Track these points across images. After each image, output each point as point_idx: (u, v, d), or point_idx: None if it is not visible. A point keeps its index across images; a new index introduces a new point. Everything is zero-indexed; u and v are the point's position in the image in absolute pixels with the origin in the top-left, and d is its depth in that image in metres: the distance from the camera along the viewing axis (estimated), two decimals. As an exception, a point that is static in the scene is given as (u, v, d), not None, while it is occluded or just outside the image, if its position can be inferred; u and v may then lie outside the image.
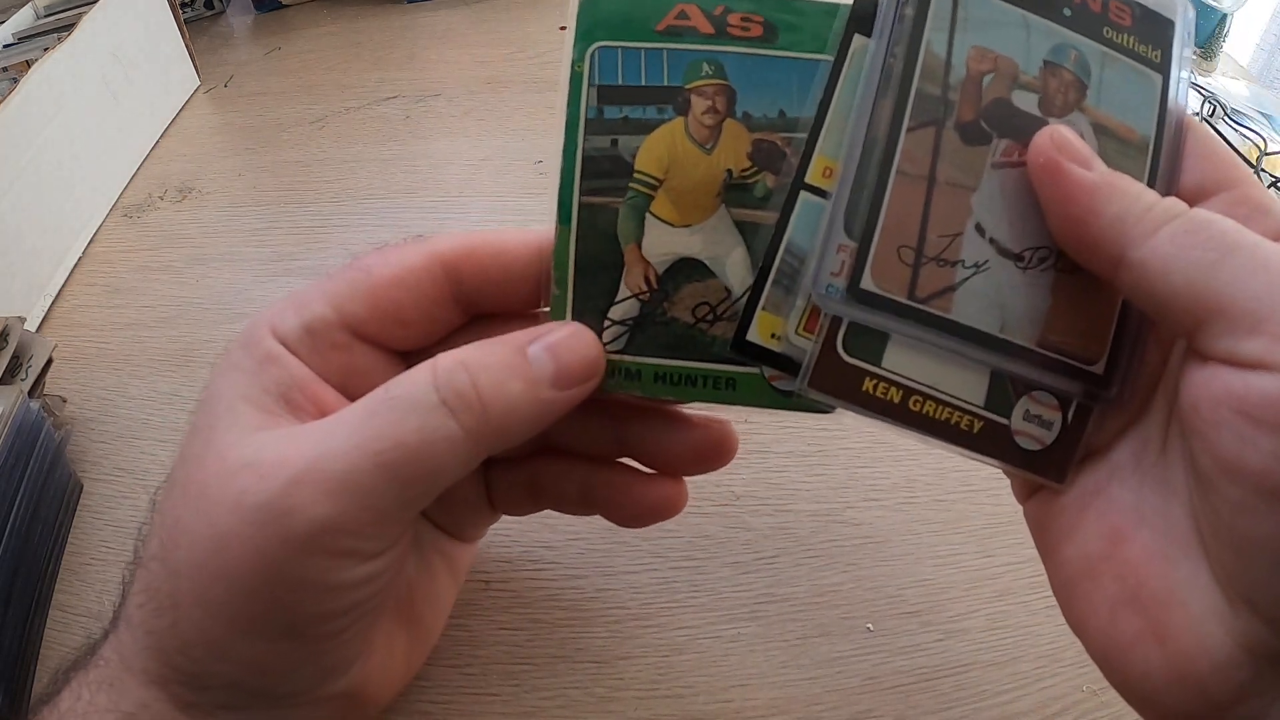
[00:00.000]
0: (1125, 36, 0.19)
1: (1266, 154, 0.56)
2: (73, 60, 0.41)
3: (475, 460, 0.19)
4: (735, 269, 0.20)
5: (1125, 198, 0.17)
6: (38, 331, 0.36)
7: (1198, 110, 0.57)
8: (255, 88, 0.53)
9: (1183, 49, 0.20)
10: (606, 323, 0.20)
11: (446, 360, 0.18)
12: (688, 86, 0.20)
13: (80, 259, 0.40)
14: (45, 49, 0.40)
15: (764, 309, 0.20)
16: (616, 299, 0.20)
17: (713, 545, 0.30)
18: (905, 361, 0.19)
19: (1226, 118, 0.59)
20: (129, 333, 0.37)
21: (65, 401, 0.33)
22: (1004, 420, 0.19)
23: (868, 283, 0.18)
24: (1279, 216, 0.18)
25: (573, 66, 0.19)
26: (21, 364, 0.31)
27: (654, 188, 0.20)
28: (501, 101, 0.52)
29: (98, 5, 0.43)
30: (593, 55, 0.20)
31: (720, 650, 0.27)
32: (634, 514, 0.24)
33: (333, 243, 0.41)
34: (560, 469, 0.23)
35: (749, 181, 0.20)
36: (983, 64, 0.19)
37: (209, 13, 0.61)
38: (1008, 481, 0.21)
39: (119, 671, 0.19)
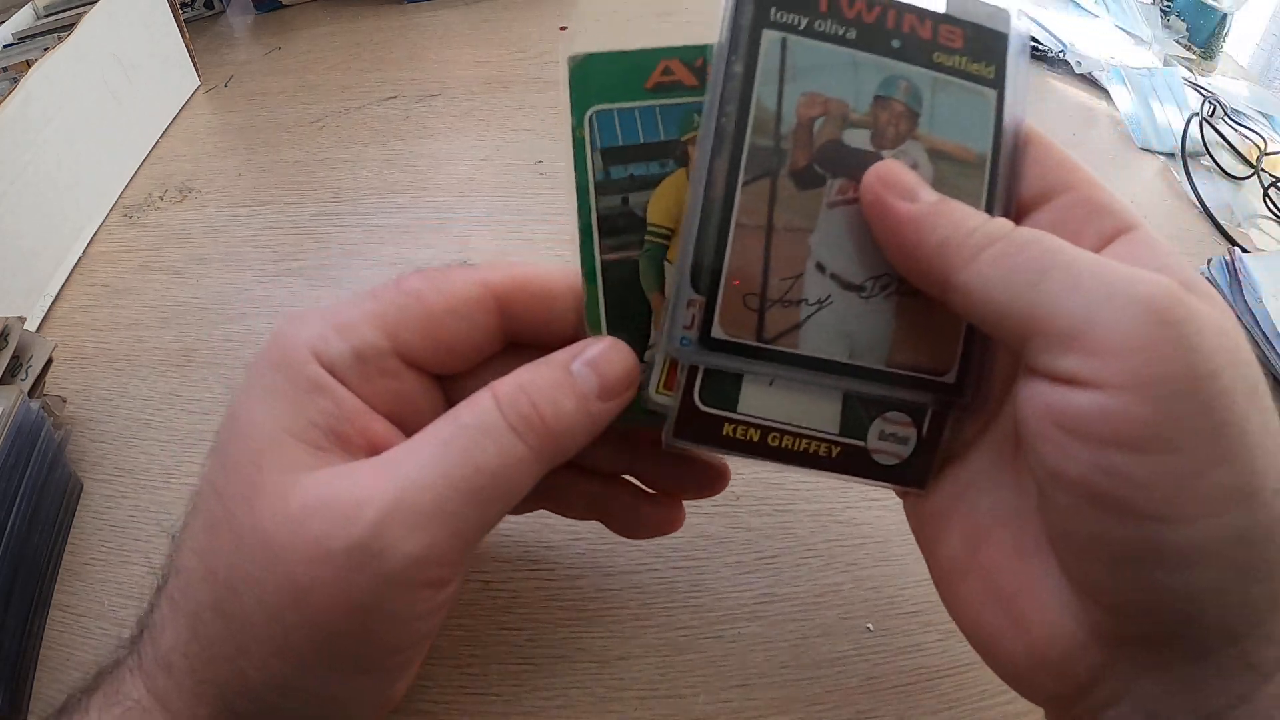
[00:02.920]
0: (957, 59, 0.20)
1: (1266, 154, 0.56)
2: (73, 60, 0.41)
3: (540, 476, 0.19)
4: None
5: (949, 225, 0.18)
6: (38, 331, 0.36)
7: (1197, 110, 0.57)
8: (255, 88, 0.53)
9: (1018, 61, 0.20)
10: (642, 366, 0.21)
11: (506, 386, 0.19)
12: (683, 139, 0.21)
13: (80, 259, 0.40)
14: (45, 49, 0.40)
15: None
16: (650, 343, 0.21)
17: (713, 545, 0.30)
18: (760, 403, 0.20)
19: (1226, 118, 0.59)
20: (129, 333, 0.37)
21: (65, 401, 0.33)
22: (860, 442, 0.21)
23: (717, 331, 0.20)
24: (1120, 213, 0.19)
25: (574, 133, 0.20)
26: (21, 364, 0.31)
27: (667, 237, 0.21)
28: (501, 101, 0.52)
29: (98, 5, 0.43)
30: (591, 120, 0.20)
31: (720, 650, 0.27)
32: (634, 529, 0.25)
33: (333, 243, 0.41)
34: (570, 480, 0.24)
35: None
36: (813, 109, 0.20)
37: (209, 13, 0.61)
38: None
39: (155, 714, 0.18)
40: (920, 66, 0.20)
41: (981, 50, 0.20)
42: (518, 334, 0.22)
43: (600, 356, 0.20)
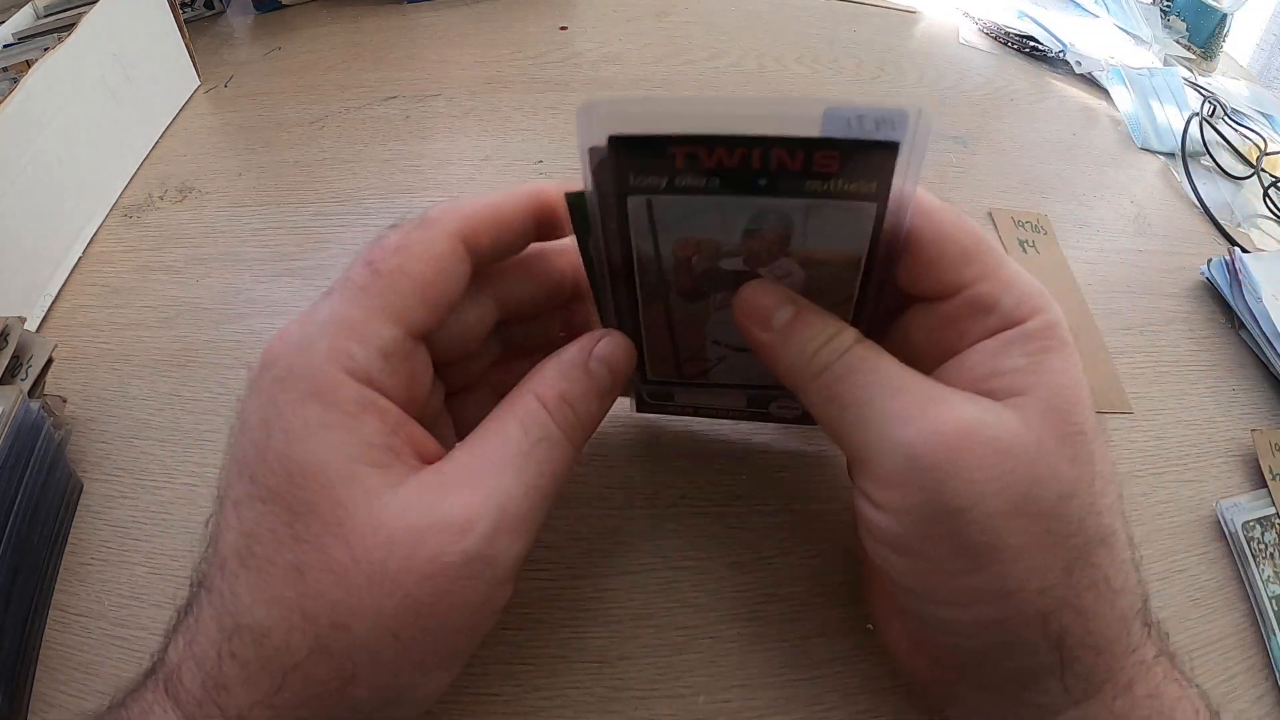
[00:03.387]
0: (832, 183, 0.20)
1: (1266, 154, 0.56)
2: (73, 60, 0.41)
3: None
4: None
5: (793, 351, 0.22)
6: (38, 331, 0.36)
7: (1198, 110, 0.57)
8: (255, 88, 0.53)
9: (910, 157, 0.19)
10: None
11: (550, 396, 0.21)
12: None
13: (80, 259, 0.40)
14: (45, 49, 0.40)
15: None
16: None
17: (713, 545, 0.30)
18: (687, 399, 0.29)
19: (1226, 118, 0.59)
20: (129, 333, 0.37)
21: (65, 401, 0.33)
22: (763, 410, 0.29)
23: (651, 375, 0.27)
24: (1008, 310, 0.21)
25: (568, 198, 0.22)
26: (21, 364, 0.31)
27: None
28: (501, 101, 0.52)
29: (98, 5, 0.43)
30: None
31: (720, 650, 0.27)
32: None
33: (333, 243, 0.41)
34: (521, 369, 0.23)
35: None
36: (686, 250, 0.22)
37: (209, 13, 0.61)
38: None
39: None
40: (790, 198, 0.20)
41: (860, 170, 0.19)
42: (484, 261, 0.23)
43: (609, 354, 0.23)
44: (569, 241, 0.23)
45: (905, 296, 0.23)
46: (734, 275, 0.22)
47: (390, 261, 0.21)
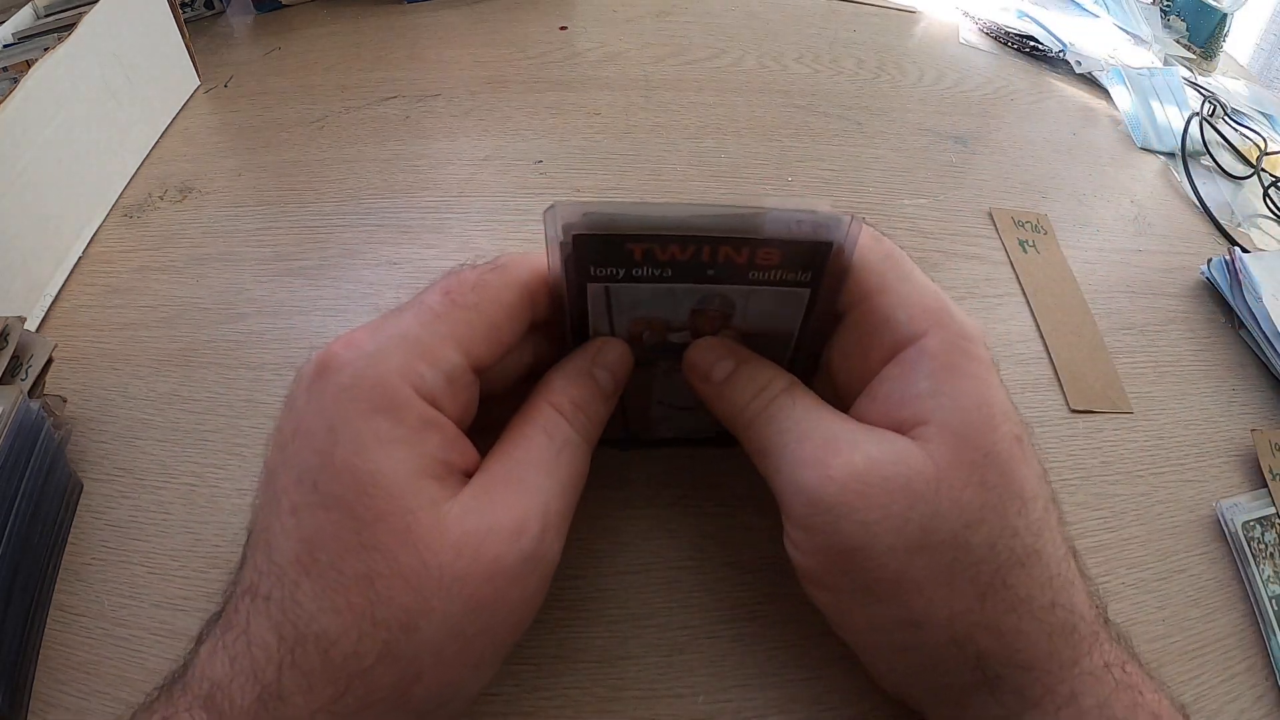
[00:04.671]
0: (771, 273, 0.22)
1: (1266, 154, 0.56)
2: (73, 60, 0.41)
3: None
4: None
5: (727, 404, 0.24)
6: (38, 331, 0.36)
7: (1198, 110, 0.57)
8: (255, 88, 0.53)
9: (846, 250, 0.22)
10: None
11: (564, 403, 0.23)
12: None
13: (80, 259, 0.40)
14: (45, 49, 0.40)
15: None
16: None
17: (713, 545, 0.30)
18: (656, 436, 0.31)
19: (1226, 117, 0.59)
20: (129, 333, 0.37)
21: (65, 401, 0.33)
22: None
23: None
24: (900, 326, 0.23)
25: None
26: (21, 364, 0.31)
27: None
28: (501, 101, 0.52)
29: (98, 5, 0.43)
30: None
31: (720, 650, 0.27)
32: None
33: (333, 243, 0.41)
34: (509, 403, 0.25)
35: None
36: (638, 327, 0.25)
37: (209, 13, 0.61)
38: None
39: None
40: (734, 284, 0.23)
41: (797, 261, 0.22)
42: (538, 319, 0.24)
43: (611, 361, 0.24)
44: None
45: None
46: (680, 347, 0.25)
47: (468, 297, 0.22)
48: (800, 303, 0.23)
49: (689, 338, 0.25)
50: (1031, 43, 0.64)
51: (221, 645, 0.19)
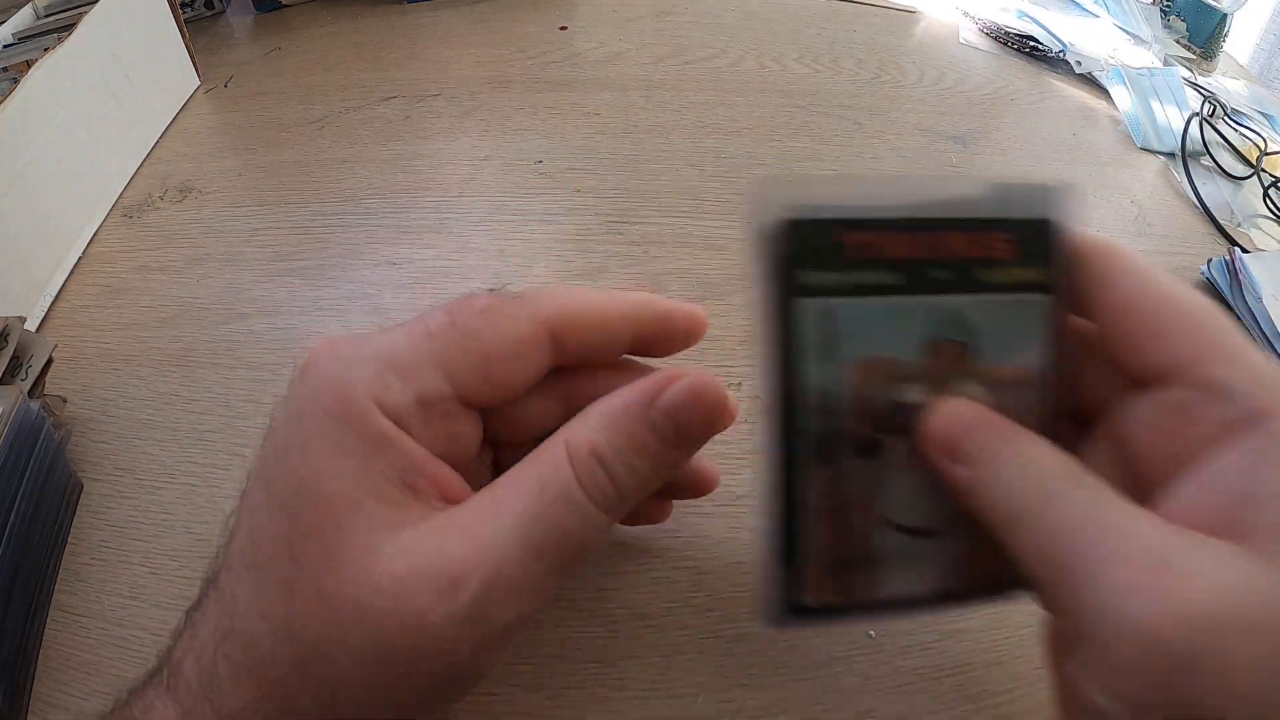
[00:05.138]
0: (1003, 270, 0.18)
1: (1266, 154, 0.56)
2: (73, 60, 0.41)
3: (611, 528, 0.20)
4: None
5: (996, 497, 0.18)
6: (38, 331, 0.36)
7: (1198, 110, 0.57)
8: (255, 88, 0.53)
9: (1060, 242, 0.18)
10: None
11: (581, 448, 0.19)
12: None
13: (80, 259, 0.40)
14: (45, 49, 0.40)
15: None
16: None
17: (713, 545, 0.30)
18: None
19: (1226, 118, 0.59)
20: (129, 333, 0.37)
21: (65, 401, 0.33)
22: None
23: (807, 600, 0.20)
24: (1245, 398, 0.17)
25: None
26: (21, 364, 0.31)
27: None
28: (501, 101, 0.52)
29: (98, 5, 0.43)
30: None
31: (720, 650, 0.27)
32: (629, 519, 0.26)
33: (333, 243, 0.41)
34: None
35: None
36: (860, 376, 0.18)
37: (209, 13, 0.61)
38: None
39: None
40: (962, 293, 0.18)
41: (1029, 250, 0.18)
42: (568, 361, 0.21)
43: (682, 406, 0.19)
44: (663, 365, 0.21)
45: (1112, 381, 0.19)
46: (914, 412, 0.18)
47: (469, 321, 0.20)
48: (1038, 320, 0.18)
49: (924, 395, 0.18)
50: (1031, 43, 0.64)
51: (187, 628, 0.19)
